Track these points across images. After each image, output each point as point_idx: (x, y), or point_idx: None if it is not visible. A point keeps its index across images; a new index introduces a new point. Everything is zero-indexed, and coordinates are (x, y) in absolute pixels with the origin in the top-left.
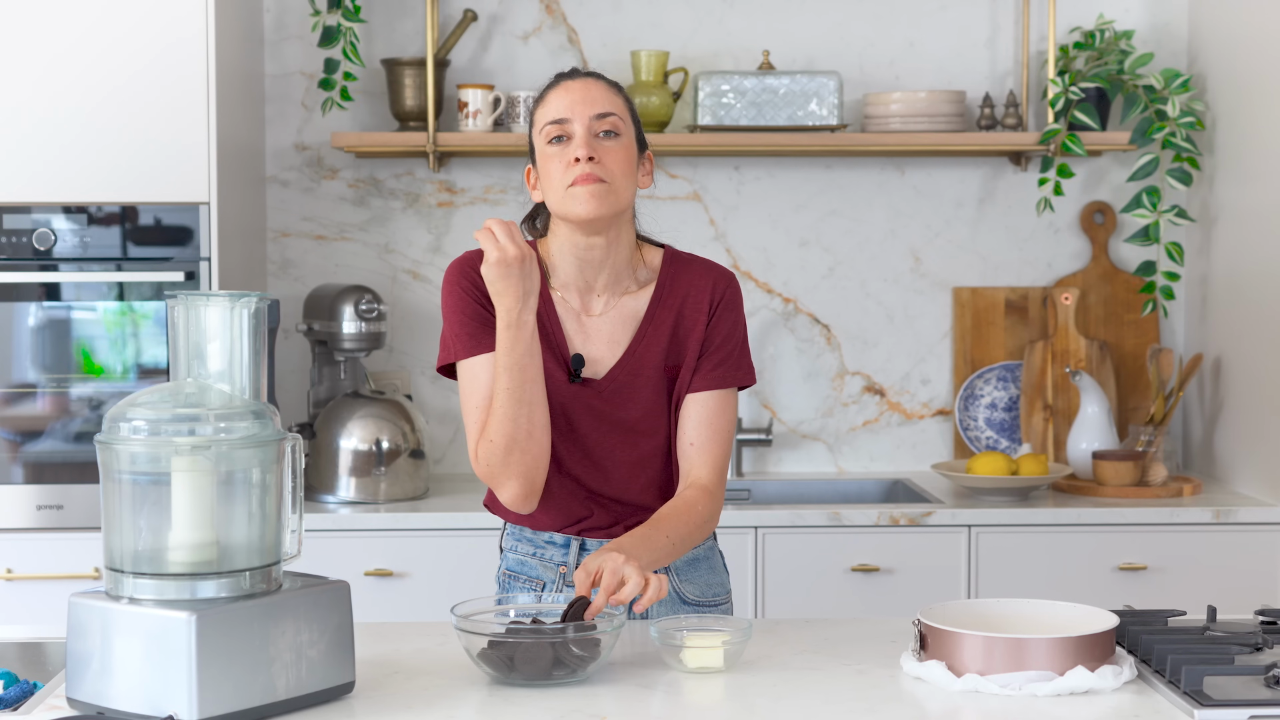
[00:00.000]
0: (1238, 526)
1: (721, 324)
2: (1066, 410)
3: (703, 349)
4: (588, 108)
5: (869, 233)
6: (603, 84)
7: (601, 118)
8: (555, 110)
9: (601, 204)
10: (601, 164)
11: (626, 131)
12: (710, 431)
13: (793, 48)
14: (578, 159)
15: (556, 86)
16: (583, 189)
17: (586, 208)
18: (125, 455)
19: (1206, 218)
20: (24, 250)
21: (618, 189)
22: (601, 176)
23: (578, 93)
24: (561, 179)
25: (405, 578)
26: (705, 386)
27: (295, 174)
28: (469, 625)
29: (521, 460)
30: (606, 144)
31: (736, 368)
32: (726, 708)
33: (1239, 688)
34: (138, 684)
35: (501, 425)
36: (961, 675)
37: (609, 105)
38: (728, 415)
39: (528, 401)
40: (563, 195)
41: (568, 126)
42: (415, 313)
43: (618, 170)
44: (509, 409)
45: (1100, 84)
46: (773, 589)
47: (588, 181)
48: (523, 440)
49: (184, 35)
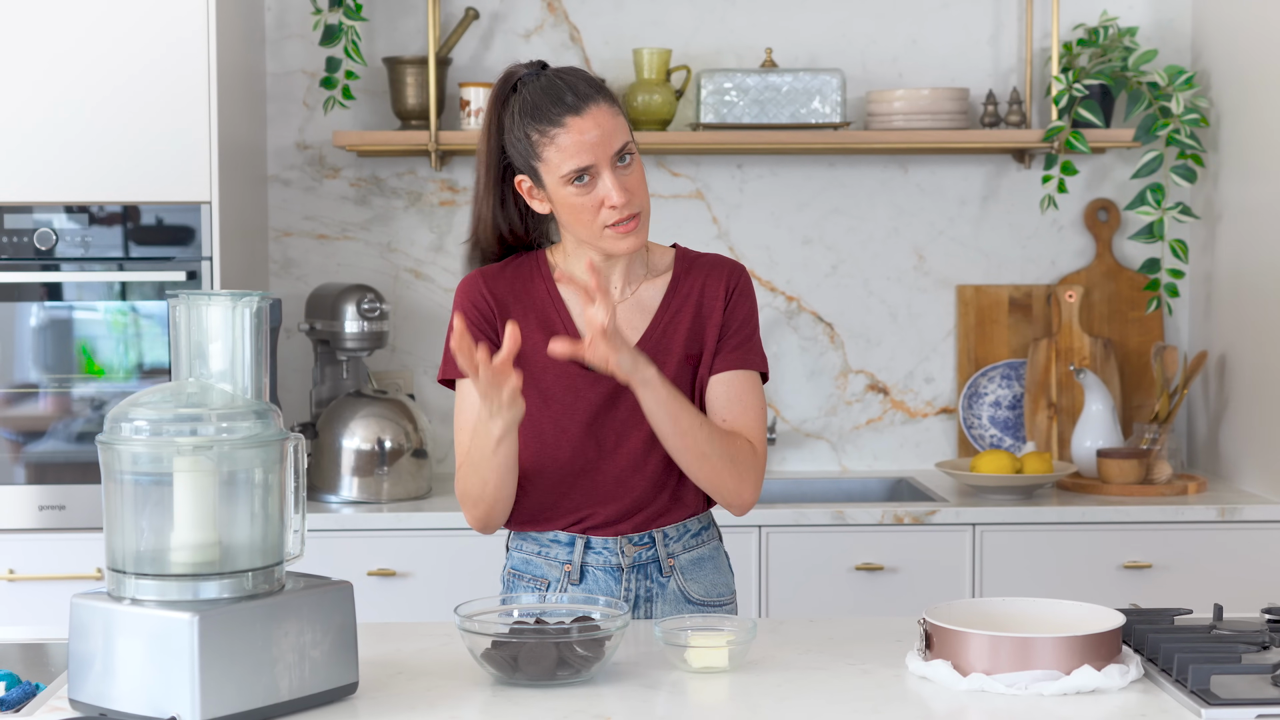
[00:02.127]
0: (1243, 524)
1: (738, 310)
2: (1071, 408)
3: (723, 334)
4: (606, 148)
5: (872, 231)
6: (605, 109)
7: (619, 152)
8: (575, 157)
9: (639, 238)
10: (632, 198)
11: (634, 145)
12: (741, 407)
13: (795, 45)
14: (613, 206)
15: (564, 126)
16: (623, 232)
17: (627, 247)
18: (127, 455)
19: (1211, 215)
20: (25, 250)
21: (646, 213)
22: (636, 211)
23: (592, 132)
24: (594, 220)
25: (408, 578)
26: (727, 367)
27: (297, 173)
28: (473, 625)
29: (480, 504)
30: (626, 171)
31: (754, 351)
32: (731, 708)
33: (1246, 686)
34: (140, 685)
35: (474, 472)
36: (967, 675)
37: (622, 134)
38: (756, 395)
39: (496, 469)
40: (599, 235)
41: (593, 170)
42: (417, 312)
43: (642, 193)
44: (480, 467)
45: (1104, 81)
46: (777, 588)
47: (627, 224)
48: (488, 495)
49: (185, 34)
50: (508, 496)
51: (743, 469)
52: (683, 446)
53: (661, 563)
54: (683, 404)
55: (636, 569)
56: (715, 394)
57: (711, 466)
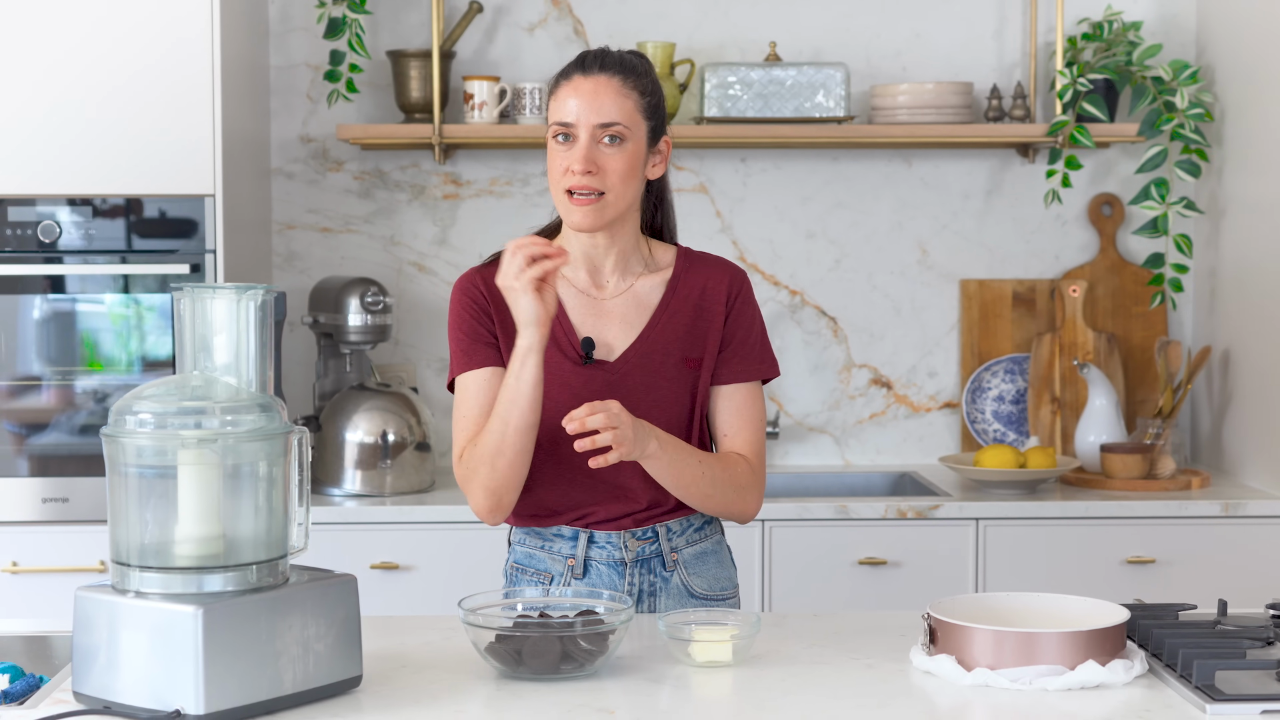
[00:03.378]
0: (1246, 520)
1: (741, 319)
2: (1074, 403)
3: (725, 344)
4: (593, 115)
5: (876, 225)
6: (615, 83)
7: (605, 127)
8: (561, 110)
9: (595, 218)
10: (600, 173)
11: (633, 135)
12: (742, 420)
13: (799, 39)
14: (571, 171)
15: (569, 80)
16: (577, 204)
17: (577, 220)
18: (131, 448)
19: (1215, 209)
20: (29, 243)
21: (613, 198)
22: (597, 187)
23: (587, 96)
24: (559, 181)
25: (411, 570)
26: (732, 380)
27: (300, 166)
28: (476, 619)
29: (492, 476)
30: (608, 151)
31: (760, 360)
32: (735, 702)
33: (1251, 682)
34: (144, 678)
35: (488, 438)
36: (972, 670)
37: (616, 113)
38: (757, 406)
39: (515, 429)
40: (559, 197)
41: (572, 129)
42: (421, 305)
43: (616, 178)
44: (497, 428)
45: (1108, 75)
46: (780, 582)
47: (583, 198)
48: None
49: (189, 27)
50: (524, 464)
51: (745, 492)
52: (689, 495)
53: (665, 557)
54: (684, 460)
55: (640, 563)
56: (719, 407)
57: (715, 502)
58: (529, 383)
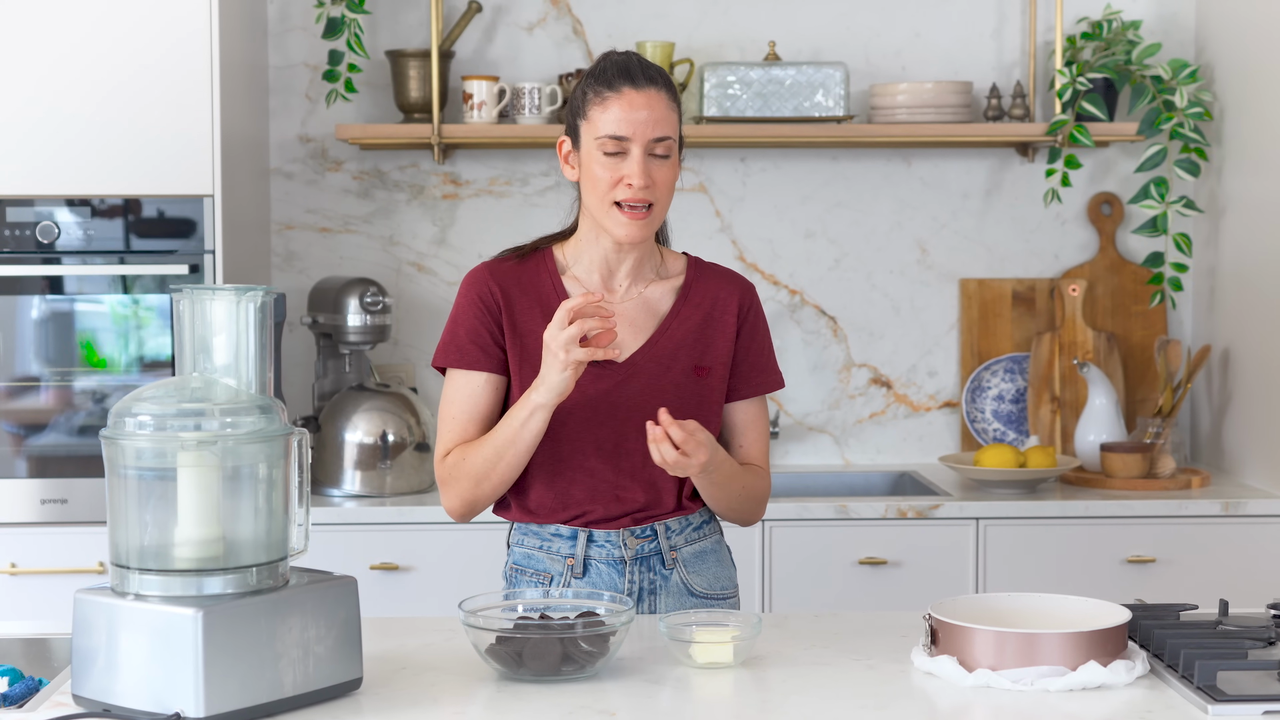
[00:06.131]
0: (1247, 519)
1: (756, 335)
2: (1074, 402)
3: (739, 360)
4: (650, 129)
5: (875, 224)
6: (664, 98)
7: (659, 141)
8: (616, 124)
9: (645, 231)
10: (652, 186)
11: (675, 148)
12: (754, 433)
13: (798, 38)
14: (630, 184)
15: (621, 94)
16: (630, 217)
17: (628, 233)
18: (131, 450)
19: (1214, 208)
20: (27, 243)
21: (660, 210)
22: (650, 200)
23: (642, 109)
24: (608, 193)
25: (411, 571)
26: (748, 394)
27: (299, 166)
28: (477, 620)
29: (473, 492)
30: (658, 164)
31: (771, 375)
32: (736, 703)
33: (1253, 683)
34: (144, 681)
35: (478, 462)
36: (973, 670)
37: (668, 127)
38: (766, 417)
39: (507, 464)
40: (607, 210)
41: (625, 144)
42: (420, 305)
43: (664, 191)
44: (490, 457)
45: (1107, 74)
46: (780, 582)
47: (637, 211)
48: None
49: (188, 27)
50: (507, 486)
51: (763, 503)
52: (725, 507)
53: (664, 555)
54: (731, 474)
55: (639, 562)
56: (734, 421)
57: (740, 511)
58: (532, 433)
